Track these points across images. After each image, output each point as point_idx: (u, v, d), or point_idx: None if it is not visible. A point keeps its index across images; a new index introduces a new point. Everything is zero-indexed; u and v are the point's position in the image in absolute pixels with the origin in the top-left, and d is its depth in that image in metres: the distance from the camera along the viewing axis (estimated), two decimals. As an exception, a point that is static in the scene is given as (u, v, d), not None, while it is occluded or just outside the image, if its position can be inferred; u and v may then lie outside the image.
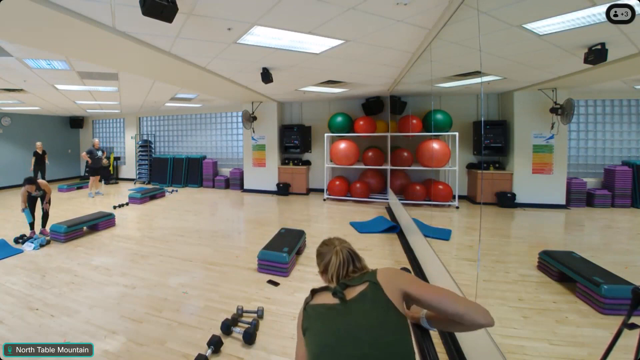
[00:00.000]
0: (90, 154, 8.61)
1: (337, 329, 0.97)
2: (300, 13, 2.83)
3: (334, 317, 1.00)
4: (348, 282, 1.09)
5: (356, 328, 0.95)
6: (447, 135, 6.81)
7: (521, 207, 5.93)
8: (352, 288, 1.06)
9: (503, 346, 1.70)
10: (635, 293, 1.26)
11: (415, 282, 1.07)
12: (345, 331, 0.95)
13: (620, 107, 5.19)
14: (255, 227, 5.79)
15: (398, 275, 1.08)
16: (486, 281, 3.11)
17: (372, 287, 1.03)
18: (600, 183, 5.33)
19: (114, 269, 3.85)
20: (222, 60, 4.31)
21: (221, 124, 10.62)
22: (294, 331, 2.56)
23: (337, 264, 1.16)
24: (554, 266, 2.97)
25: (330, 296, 1.06)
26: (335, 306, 1.02)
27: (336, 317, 1.00)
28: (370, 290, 1.03)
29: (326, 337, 0.97)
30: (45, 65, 4.50)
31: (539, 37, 2.94)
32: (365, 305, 0.99)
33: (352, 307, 1.00)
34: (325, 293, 1.09)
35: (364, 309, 0.99)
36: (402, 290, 1.03)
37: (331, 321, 0.99)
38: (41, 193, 5.01)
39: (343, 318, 0.98)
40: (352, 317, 0.98)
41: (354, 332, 0.95)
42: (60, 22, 2.69)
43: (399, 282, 1.05)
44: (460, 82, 5.52)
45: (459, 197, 6.62)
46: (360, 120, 7.72)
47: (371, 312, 0.98)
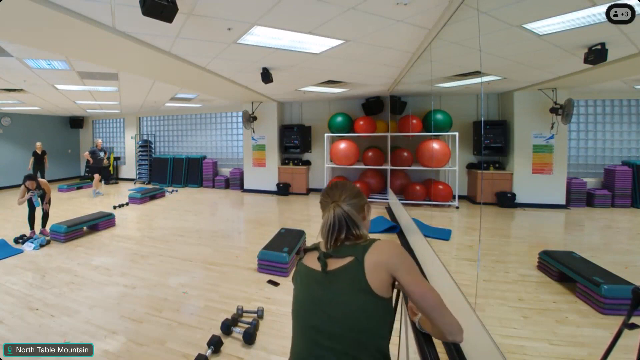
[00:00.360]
0: (93, 153, 8.63)
1: (313, 297, 0.99)
2: (300, 13, 2.83)
3: (312, 284, 1.00)
4: (334, 252, 1.01)
5: (328, 303, 0.95)
6: (447, 135, 6.81)
7: (521, 207, 5.93)
8: (336, 259, 0.99)
9: (503, 346, 1.70)
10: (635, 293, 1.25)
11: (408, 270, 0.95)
12: (319, 301, 0.97)
13: (620, 107, 5.19)
14: (255, 227, 5.78)
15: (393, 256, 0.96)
16: (486, 281, 3.11)
17: (355, 264, 0.96)
18: (600, 183, 5.33)
19: (114, 269, 3.85)
20: (222, 60, 4.31)
21: (221, 124, 10.62)
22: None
23: (327, 227, 1.04)
24: (554, 266, 2.97)
25: (316, 260, 1.03)
26: (316, 273, 1.00)
27: (314, 284, 1.00)
28: (352, 267, 0.96)
29: (304, 300, 1.01)
30: (45, 65, 4.50)
31: (539, 37, 2.94)
32: (343, 283, 0.95)
33: (331, 280, 0.97)
34: (313, 253, 1.06)
35: (341, 286, 0.95)
36: (391, 274, 0.95)
37: (310, 287, 1.01)
38: (41, 192, 5.00)
39: (320, 287, 0.98)
40: (329, 290, 0.97)
41: (326, 307, 0.95)
42: (60, 22, 2.69)
43: (390, 264, 0.95)
44: (460, 82, 5.53)
45: (459, 197, 6.62)
46: (360, 120, 7.72)
47: (346, 291, 0.94)
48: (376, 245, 0.98)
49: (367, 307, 0.92)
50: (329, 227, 1.03)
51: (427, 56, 3.77)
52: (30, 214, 5.06)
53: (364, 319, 0.92)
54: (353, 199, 1.09)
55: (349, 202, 1.08)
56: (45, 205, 5.08)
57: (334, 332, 0.93)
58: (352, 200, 1.09)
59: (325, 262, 0.99)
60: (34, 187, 4.85)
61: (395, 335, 1.76)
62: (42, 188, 4.97)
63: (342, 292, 0.94)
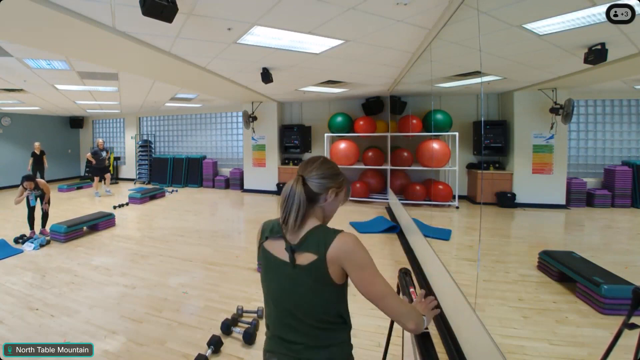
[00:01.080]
0: (95, 154, 8.61)
1: (283, 288, 1.04)
2: (300, 13, 2.83)
3: (282, 276, 1.04)
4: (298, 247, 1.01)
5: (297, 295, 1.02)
6: (447, 135, 6.81)
7: (521, 207, 5.93)
8: (301, 253, 1.00)
9: (503, 346, 1.70)
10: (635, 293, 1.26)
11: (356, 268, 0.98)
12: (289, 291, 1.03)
13: (620, 107, 5.19)
14: (255, 227, 5.75)
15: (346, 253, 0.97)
16: (486, 281, 3.11)
17: (319, 263, 0.98)
18: (600, 183, 5.33)
19: (114, 269, 3.85)
20: (222, 60, 4.31)
21: (221, 124, 10.62)
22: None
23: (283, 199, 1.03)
24: (554, 266, 2.97)
25: (283, 249, 1.03)
26: (285, 266, 1.03)
27: (283, 277, 1.04)
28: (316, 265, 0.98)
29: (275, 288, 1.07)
30: (45, 65, 4.50)
31: (539, 37, 2.94)
32: (309, 280, 1.00)
33: (299, 274, 1.01)
34: (279, 241, 1.05)
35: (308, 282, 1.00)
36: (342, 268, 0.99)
37: (280, 277, 1.05)
38: (40, 193, 5.00)
39: (289, 280, 1.03)
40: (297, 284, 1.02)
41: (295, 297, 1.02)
42: (60, 22, 2.69)
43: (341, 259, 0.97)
44: (460, 82, 5.52)
45: (459, 197, 6.62)
46: (360, 120, 7.72)
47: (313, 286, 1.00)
48: (335, 241, 0.98)
49: (331, 296, 1.02)
50: (284, 200, 1.02)
51: (427, 56, 3.77)
52: (29, 214, 5.06)
53: (328, 304, 1.02)
54: (322, 179, 1.04)
55: (315, 180, 1.04)
56: (45, 205, 5.08)
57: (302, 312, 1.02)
58: (321, 179, 1.04)
59: (294, 257, 1.01)
60: (32, 188, 4.85)
61: (395, 335, 1.76)
62: (40, 188, 4.97)
63: (310, 287, 1.00)
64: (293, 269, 1.01)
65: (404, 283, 1.54)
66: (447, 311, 2.62)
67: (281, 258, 1.04)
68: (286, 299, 1.04)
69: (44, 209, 5.09)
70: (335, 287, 1.00)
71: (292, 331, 1.03)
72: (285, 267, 1.03)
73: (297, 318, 1.03)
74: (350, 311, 1.12)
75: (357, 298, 2.91)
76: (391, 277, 3.49)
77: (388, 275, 3.62)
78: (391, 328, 1.77)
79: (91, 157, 8.64)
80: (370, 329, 2.56)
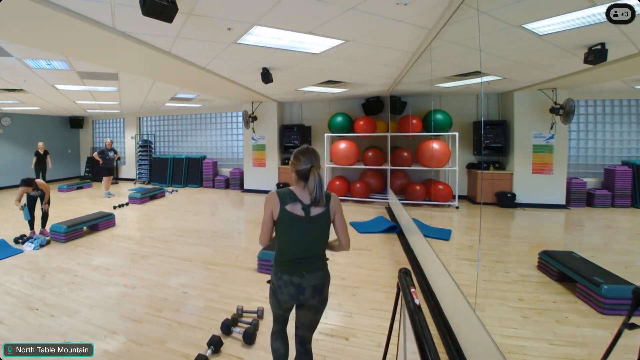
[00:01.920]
0: (102, 154, 8.57)
1: (300, 231, 1.65)
2: (300, 13, 2.83)
3: (298, 225, 1.64)
4: (315, 204, 1.63)
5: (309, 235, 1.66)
6: (447, 135, 6.81)
7: (521, 207, 5.93)
8: (315, 207, 1.64)
9: (503, 346, 1.70)
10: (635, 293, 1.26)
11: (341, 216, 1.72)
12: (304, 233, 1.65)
13: (620, 107, 5.19)
14: (255, 227, 5.80)
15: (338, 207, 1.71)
16: (486, 281, 3.11)
17: (325, 212, 1.66)
18: (600, 183, 5.33)
19: (114, 269, 3.85)
20: (222, 60, 4.31)
21: (221, 124, 10.62)
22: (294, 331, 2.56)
23: (314, 187, 1.63)
24: (554, 266, 2.97)
25: (300, 208, 1.63)
26: (301, 219, 1.64)
27: (300, 225, 1.64)
28: (324, 214, 1.66)
29: (293, 235, 1.66)
30: (45, 65, 4.50)
31: (539, 37, 2.94)
32: (319, 224, 1.66)
33: (311, 222, 1.64)
34: (297, 204, 1.64)
35: (318, 226, 1.66)
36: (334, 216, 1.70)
37: (297, 226, 1.64)
38: (39, 193, 5.00)
39: (304, 226, 1.64)
40: (310, 227, 1.65)
41: (308, 235, 1.66)
42: (60, 22, 2.69)
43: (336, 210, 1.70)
44: (460, 82, 5.52)
45: (459, 197, 6.62)
46: (360, 120, 7.72)
47: (320, 228, 1.67)
48: (333, 198, 1.70)
49: (328, 232, 1.71)
50: (315, 187, 1.63)
51: (427, 56, 3.77)
52: (29, 211, 5.06)
53: (325, 238, 1.71)
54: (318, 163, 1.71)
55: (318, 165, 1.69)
56: (45, 205, 5.08)
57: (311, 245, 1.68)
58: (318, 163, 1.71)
59: (309, 211, 1.64)
60: (32, 191, 4.86)
61: (395, 335, 1.76)
62: (40, 189, 4.97)
63: (318, 229, 1.67)
64: (308, 220, 1.64)
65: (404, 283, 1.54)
66: (447, 311, 2.62)
67: (298, 214, 1.63)
68: (303, 238, 1.66)
69: (44, 209, 5.09)
70: (329, 227, 1.70)
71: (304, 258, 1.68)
72: (302, 219, 1.64)
73: (308, 250, 1.68)
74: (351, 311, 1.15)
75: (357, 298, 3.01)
76: (391, 277, 3.51)
77: (388, 275, 3.64)
78: (391, 328, 1.77)
79: (98, 157, 8.60)
80: (370, 329, 2.57)
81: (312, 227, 1.64)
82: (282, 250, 1.70)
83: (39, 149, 9.35)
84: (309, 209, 1.63)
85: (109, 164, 8.67)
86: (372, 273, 3.68)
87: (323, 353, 2.28)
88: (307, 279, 1.66)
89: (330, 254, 1.82)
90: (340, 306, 2.90)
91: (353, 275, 3.60)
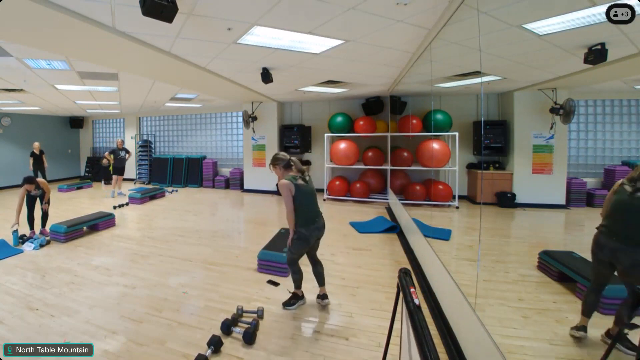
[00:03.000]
0: (113, 153, 8.58)
1: (310, 197, 2.79)
2: (300, 13, 2.83)
3: (307, 190, 2.75)
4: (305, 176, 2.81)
5: (312, 195, 2.83)
6: (447, 135, 6.81)
7: (521, 207, 5.93)
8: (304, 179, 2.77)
9: (503, 346, 1.70)
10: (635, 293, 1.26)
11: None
12: (311, 195, 2.81)
13: (620, 107, 5.19)
14: (255, 227, 5.79)
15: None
16: (486, 281, 3.11)
17: (310, 180, 2.85)
18: (600, 183, 5.33)
19: (114, 269, 3.85)
20: (222, 60, 4.31)
21: (221, 124, 10.63)
22: (294, 331, 2.57)
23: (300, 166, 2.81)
24: (554, 266, 2.97)
25: (302, 181, 2.73)
26: (306, 185, 2.75)
27: (307, 189, 2.76)
28: (310, 181, 2.85)
29: (307, 198, 2.75)
30: (45, 65, 4.50)
31: (539, 37, 2.94)
32: (311, 186, 2.83)
33: (309, 186, 2.80)
34: (299, 180, 2.72)
35: (312, 188, 2.84)
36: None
37: (307, 191, 2.75)
38: (40, 192, 5.00)
39: (309, 189, 2.80)
40: (311, 190, 2.82)
41: (314, 197, 2.84)
42: (60, 22, 2.69)
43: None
44: (460, 82, 5.52)
45: (459, 197, 6.62)
46: (360, 120, 7.72)
47: (313, 189, 2.84)
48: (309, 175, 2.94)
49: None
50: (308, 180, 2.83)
51: (427, 56, 3.77)
52: (29, 214, 5.06)
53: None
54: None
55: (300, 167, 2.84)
56: (45, 205, 5.08)
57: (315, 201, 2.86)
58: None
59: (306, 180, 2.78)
60: (33, 189, 4.86)
61: (395, 336, 1.76)
62: (41, 188, 4.97)
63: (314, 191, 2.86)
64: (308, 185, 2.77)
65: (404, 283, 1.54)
66: (447, 311, 2.62)
67: (303, 183, 2.72)
68: (312, 200, 2.80)
69: (44, 209, 5.09)
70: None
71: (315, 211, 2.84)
72: (307, 186, 2.75)
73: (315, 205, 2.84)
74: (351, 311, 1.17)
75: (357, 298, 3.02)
76: (391, 277, 3.51)
77: (388, 275, 3.64)
78: (391, 328, 1.77)
79: (109, 156, 8.60)
80: (370, 329, 2.57)
81: (312, 190, 2.82)
82: (305, 212, 2.74)
83: (34, 149, 9.32)
84: (304, 180, 2.76)
85: (120, 163, 8.66)
86: (372, 273, 3.68)
87: (323, 353, 2.28)
88: (321, 222, 2.85)
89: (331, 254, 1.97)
90: (340, 306, 2.90)
91: (353, 275, 3.60)
